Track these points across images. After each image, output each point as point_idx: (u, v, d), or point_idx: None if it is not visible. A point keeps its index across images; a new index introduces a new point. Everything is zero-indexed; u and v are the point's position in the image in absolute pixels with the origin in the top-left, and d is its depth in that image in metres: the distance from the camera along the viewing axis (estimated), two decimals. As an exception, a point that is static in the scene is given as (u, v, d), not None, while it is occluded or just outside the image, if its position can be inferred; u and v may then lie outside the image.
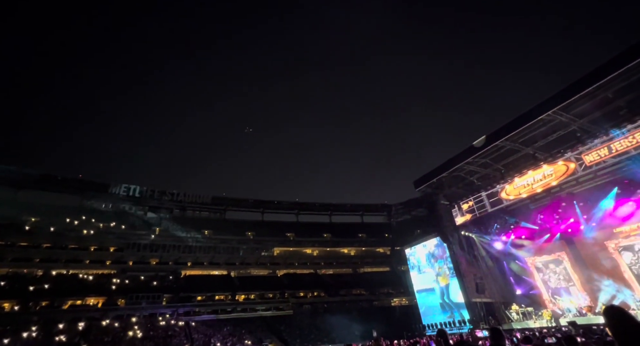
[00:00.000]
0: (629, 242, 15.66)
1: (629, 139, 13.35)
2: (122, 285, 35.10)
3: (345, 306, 40.80)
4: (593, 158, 14.78)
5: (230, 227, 46.89)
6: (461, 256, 21.68)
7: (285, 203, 53.27)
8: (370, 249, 51.21)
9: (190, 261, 41.81)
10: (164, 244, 40.36)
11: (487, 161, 19.29)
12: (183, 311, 34.84)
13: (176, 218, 45.21)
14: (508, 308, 19.46)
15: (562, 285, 18.45)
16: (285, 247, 48.32)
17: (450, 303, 22.02)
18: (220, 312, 36.47)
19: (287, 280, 43.95)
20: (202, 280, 40.52)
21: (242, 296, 39.71)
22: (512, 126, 16.03)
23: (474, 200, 21.14)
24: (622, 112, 13.77)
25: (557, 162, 16.50)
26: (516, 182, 18.44)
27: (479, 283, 20.77)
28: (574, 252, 18.06)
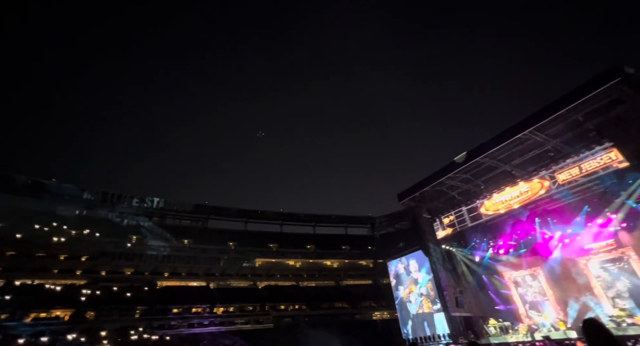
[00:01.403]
0: (599, 258, 16.35)
1: (597, 160, 14.15)
2: (93, 297, 33.26)
3: (326, 320, 40.11)
4: (565, 177, 15.51)
5: (211, 236, 45.69)
6: (442, 270, 21.93)
7: (269, 213, 52.63)
8: (354, 261, 51.03)
9: (168, 271, 40.25)
10: (140, 253, 38.81)
11: (468, 177, 19.88)
12: (157, 324, 33.27)
13: (155, 226, 43.71)
14: (486, 322, 19.70)
15: (537, 299, 18.93)
16: (268, 258, 47.43)
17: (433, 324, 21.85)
18: (197, 326, 35.05)
19: (268, 293, 42.95)
20: (179, 291, 38.99)
21: (220, 309, 38.39)
22: (491, 144, 16.65)
23: (455, 215, 21.61)
24: (591, 134, 14.61)
25: (533, 180, 17.20)
26: (495, 197, 19.04)
27: (458, 298, 21.00)
28: (549, 267, 18.65)
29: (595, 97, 12.34)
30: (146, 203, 44.10)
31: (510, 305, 20.17)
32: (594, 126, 14.40)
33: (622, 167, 13.50)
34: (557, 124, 14.64)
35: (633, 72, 11.47)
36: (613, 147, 13.81)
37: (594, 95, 12.19)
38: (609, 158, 13.88)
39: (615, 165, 13.70)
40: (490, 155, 17.19)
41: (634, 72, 11.46)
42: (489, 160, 17.73)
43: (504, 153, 17.17)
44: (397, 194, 23.27)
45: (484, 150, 17.00)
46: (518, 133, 15.31)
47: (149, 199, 44.37)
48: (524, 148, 16.69)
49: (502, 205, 18.59)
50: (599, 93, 12.13)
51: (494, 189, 19.09)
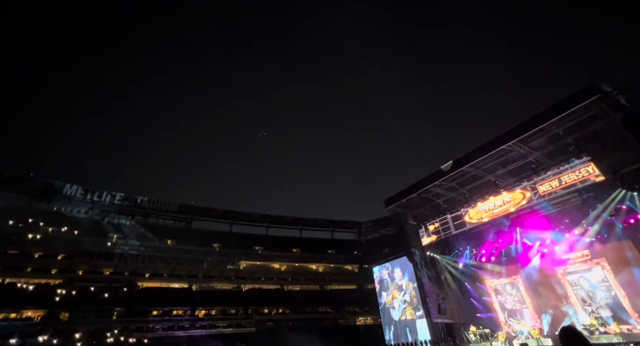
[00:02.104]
0: (575, 268, 16.92)
1: (576, 173, 14.72)
2: (68, 297, 32.01)
3: (310, 324, 39.81)
4: (546, 188, 16.04)
5: (195, 237, 44.83)
6: (426, 276, 22.19)
7: (255, 215, 52.12)
8: (339, 266, 50.99)
9: (149, 272, 39.17)
10: (120, 253, 37.66)
11: (454, 185, 20.29)
12: (135, 326, 32.27)
13: (137, 225, 42.57)
14: (467, 329, 20.00)
15: (516, 307, 19.38)
16: (253, 260, 46.85)
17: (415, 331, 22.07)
18: (177, 328, 34.19)
19: (252, 296, 42.38)
20: (160, 293, 37.98)
21: (202, 311, 37.61)
22: (477, 153, 17.08)
23: (440, 222, 21.97)
24: (570, 148, 15.19)
25: (515, 190, 17.71)
26: (479, 206, 19.48)
27: (441, 304, 21.27)
28: (528, 276, 19.14)
29: (574, 112, 12.87)
30: (129, 202, 42.94)
31: (491, 312, 20.57)
32: (573, 140, 14.98)
33: (599, 180, 14.08)
34: (539, 137, 15.16)
35: (610, 90, 12.03)
36: (590, 161, 14.39)
37: (573, 111, 12.72)
38: (587, 171, 14.45)
39: (592, 179, 14.27)
40: (475, 165, 17.62)
41: (610, 90, 12.02)
42: (474, 170, 18.16)
43: (488, 164, 17.63)
44: (384, 200, 23.49)
45: (469, 159, 17.41)
46: (502, 145, 15.77)
47: (132, 197, 43.22)
48: (508, 159, 17.19)
49: (485, 213, 19.02)
50: (578, 110, 12.67)
51: (478, 198, 19.54)
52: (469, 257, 20.97)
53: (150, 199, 44.95)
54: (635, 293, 14.53)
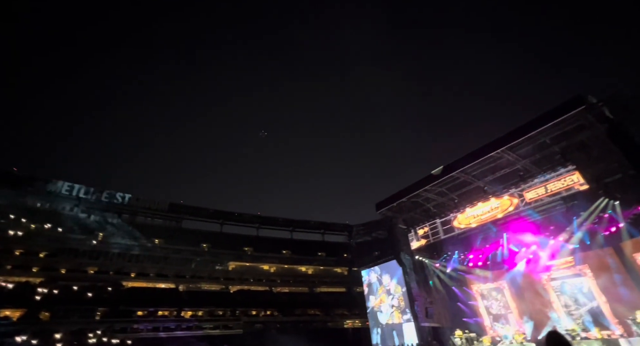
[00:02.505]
0: (559, 274, 17.28)
1: (561, 182, 15.06)
2: (50, 296, 31.19)
3: (298, 327, 39.68)
4: (532, 195, 16.36)
5: (184, 237, 44.27)
6: (414, 280, 22.33)
7: (246, 216, 51.79)
8: (329, 268, 50.98)
9: (135, 271, 38.50)
10: (106, 251, 36.92)
11: (444, 190, 20.50)
12: (119, 327, 31.61)
13: (125, 224, 41.77)
14: (453, 333, 20.18)
15: (502, 312, 19.67)
16: (242, 261, 46.48)
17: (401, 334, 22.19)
18: (163, 329, 33.62)
19: (240, 297, 42.00)
20: (145, 293, 37.33)
21: (189, 312, 37.09)
22: (467, 160, 17.31)
23: (429, 226, 22.17)
24: (557, 156, 15.55)
25: (503, 197, 18.00)
26: (467, 212, 19.73)
27: (428, 308, 21.42)
28: (514, 282, 19.45)
29: (561, 122, 13.19)
30: (117, 199, 42.17)
31: (477, 316, 20.81)
32: (559, 149, 15.33)
33: (583, 189, 14.43)
34: (527, 145, 15.47)
35: (595, 101, 12.38)
36: (575, 170, 14.75)
37: (560, 121, 13.04)
38: (572, 180, 14.80)
39: (577, 187, 14.62)
40: (465, 171, 17.85)
41: (596, 101, 12.37)
42: (464, 176, 18.40)
43: (478, 170, 17.89)
44: (376, 203, 23.59)
45: (459, 165, 17.63)
46: (492, 152, 16.02)
47: (119, 195, 42.47)
48: (497, 166, 17.47)
49: (473, 219, 19.27)
50: (565, 120, 12.99)
51: (467, 203, 19.79)
52: (457, 262, 21.19)
53: (140, 197, 44.24)
54: (616, 300, 14.90)
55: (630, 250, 14.92)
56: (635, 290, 14.45)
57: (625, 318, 14.04)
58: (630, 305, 14.26)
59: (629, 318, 13.78)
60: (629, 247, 14.95)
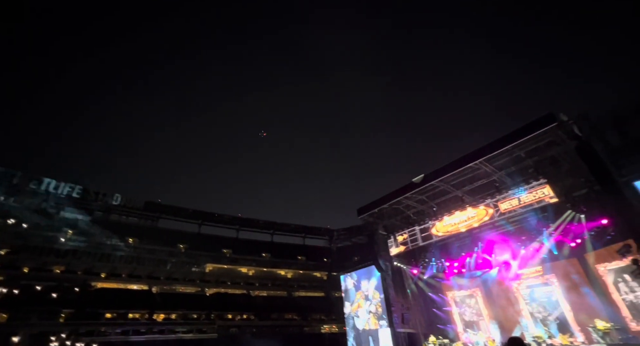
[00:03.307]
0: (528, 283, 18.04)
1: (533, 194, 15.78)
2: (9, 296, 29.23)
3: (275, 331, 39.12)
4: (506, 206, 17.03)
5: (160, 237, 42.78)
6: (392, 286, 22.59)
7: (226, 217, 50.77)
8: (308, 273, 50.71)
9: (106, 272, 36.80)
10: (75, 249, 35.10)
11: (424, 198, 20.96)
12: (85, 330, 30.02)
13: (97, 221, 39.92)
14: (427, 339, 20.54)
15: (474, 319, 20.24)
16: (220, 263, 45.44)
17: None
18: (132, 333, 32.21)
19: (216, 300, 40.98)
20: (116, 294, 35.73)
21: (161, 315, 35.75)
22: (447, 169, 17.81)
23: (408, 233, 22.57)
24: (530, 170, 16.28)
25: (479, 206, 18.62)
26: (445, 220, 20.25)
27: (405, 314, 21.72)
28: (487, 289, 20.12)
29: (534, 137, 13.87)
30: (89, 195, 40.31)
31: (451, 323, 21.32)
32: (533, 163, 16.07)
33: (552, 202, 15.17)
34: (504, 158, 16.12)
35: (566, 119, 13.11)
36: (546, 184, 15.50)
37: (533, 136, 13.71)
38: (543, 193, 15.53)
39: (547, 200, 15.35)
40: (445, 180, 18.35)
41: (566, 119, 13.10)
42: (443, 185, 18.91)
43: (457, 180, 18.44)
44: (357, 209, 23.77)
45: (439, 174, 18.12)
46: (470, 162, 16.56)
47: (93, 191, 40.63)
48: (474, 177, 18.08)
49: (451, 227, 19.80)
50: (537, 135, 13.67)
51: (445, 212, 20.32)
52: (434, 269, 21.67)
53: (114, 194, 42.49)
54: (579, 308, 15.72)
55: (593, 261, 15.80)
56: (596, 299, 15.29)
57: (587, 325, 14.80)
58: (591, 314, 15.07)
59: (589, 326, 14.54)
60: (592, 258, 15.84)
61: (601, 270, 15.43)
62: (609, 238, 14.89)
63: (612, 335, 13.55)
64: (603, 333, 13.83)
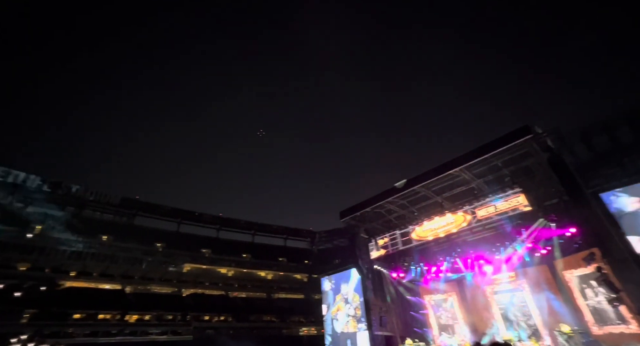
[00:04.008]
0: (501, 288, 18.71)
1: (509, 202, 16.43)
2: (-33, 294, 27.41)
3: (252, 333, 38.58)
4: (483, 213, 17.62)
5: (137, 234, 41.41)
6: (371, 289, 22.83)
7: (206, 216, 49.80)
8: (288, 274, 50.46)
9: (76, 270, 35.20)
10: (43, 246, 33.39)
11: (405, 203, 21.36)
12: (50, 331, 28.50)
13: (69, 217, 38.16)
14: (403, 342, 20.85)
15: (449, 322, 20.76)
16: (198, 263, 44.46)
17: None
18: (102, 334, 30.88)
19: (193, 301, 40.02)
20: (85, 294, 34.20)
21: (134, 316, 34.53)
22: (428, 175, 18.25)
23: (389, 237, 22.90)
24: (506, 179, 16.95)
25: (458, 213, 19.17)
26: (425, 225, 20.71)
27: (383, 317, 21.98)
28: (462, 293, 20.69)
29: (510, 148, 14.48)
30: (61, 189, 38.47)
31: (427, 326, 21.76)
32: (509, 172, 16.74)
33: (526, 210, 15.85)
34: (482, 166, 16.70)
35: (540, 132, 13.77)
36: (521, 193, 16.17)
37: (509, 147, 14.32)
38: (517, 201, 16.20)
39: (521, 208, 16.02)
40: (426, 186, 18.79)
41: (540, 132, 13.77)
42: (425, 190, 19.36)
43: (437, 186, 18.92)
44: (340, 211, 23.90)
45: (421, 180, 18.53)
46: (451, 169, 17.06)
47: (65, 185, 38.80)
48: (454, 184, 18.61)
49: (430, 232, 20.27)
50: (514, 146, 14.28)
51: (425, 217, 20.78)
52: (412, 273, 22.08)
53: (88, 189, 40.78)
54: (547, 313, 16.46)
55: (561, 268, 16.60)
56: (563, 304, 16.06)
57: (554, 329, 15.51)
58: (558, 318, 15.81)
59: (555, 330, 15.24)
60: (560, 265, 16.63)
61: (568, 277, 16.23)
62: (576, 247, 15.68)
63: (575, 339, 14.24)
64: (568, 337, 14.52)
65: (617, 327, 14.04)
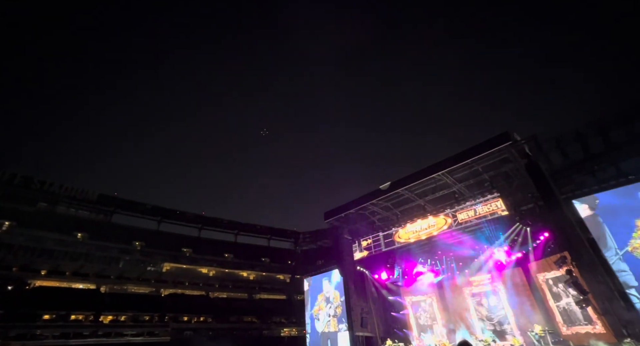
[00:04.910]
0: (479, 289, 19.28)
1: (487, 206, 16.96)
2: None
3: (232, 335, 37.98)
4: (463, 217, 18.11)
5: (114, 233, 39.96)
6: (353, 290, 22.97)
7: (188, 215, 48.71)
8: (271, 275, 50.04)
9: (47, 268, 33.64)
10: (10, 244, 31.71)
11: (389, 205, 21.67)
12: (16, 333, 27.07)
13: (41, 213, 36.45)
14: (384, 343, 21.09)
15: (428, 323, 21.19)
16: (179, 263, 43.42)
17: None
18: (74, 336, 29.60)
19: (172, 302, 39.01)
20: (57, 294, 32.72)
21: (109, 317, 33.31)
22: (412, 178, 18.59)
23: (372, 239, 23.15)
24: (486, 184, 17.50)
25: (439, 216, 19.62)
26: (407, 227, 21.06)
27: (364, 318, 22.15)
28: (441, 294, 21.16)
29: (491, 154, 14.97)
30: (34, 184, 36.70)
31: (407, 326, 22.12)
32: (489, 177, 17.30)
33: (504, 214, 16.41)
34: (463, 171, 17.18)
35: (519, 139, 14.31)
36: (499, 198, 16.74)
37: (490, 152, 14.80)
38: (496, 206, 16.75)
39: (499, 213, 16.58)
40: (409, 189, 19.13)
41: (519, 139, 14.31)
42: (408, 193, 19.70)
43: (420, 189, 19.30)
44: (324, 212, 23.96)
45: (405, 183, 18.85)
46: (434, 173, 17.45)
47: (38, 180, 37.04)
48: (436, 187, 19.04)
49: (412, 234, 20.63)
50: (494, 152, 14.77)
51: (408, 220, 21.15)
52: (394, 274, 22.41)
53: (64, 185, 39.07)
54: (520, 314, 17.09)
55: (534, 271, 17.29)
56: (536, 306, 16.72)
57: (527, 330, 16.11)
58: (531, 319, 16.44)
59: (529, 331, 15.85)
60: (534, 268, 17.32)
61: (541, 279, 16.91)
62: (549, 250, 16.39)
63: (546, 339, 14.86)
64: (539, 337, 15.13)
65: (584, 327, 14.76)
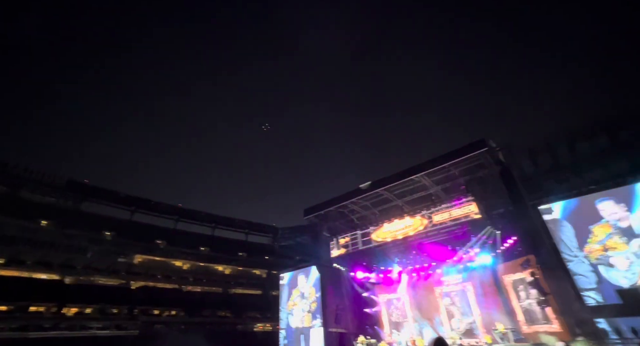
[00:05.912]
0: (450, 289, 20.02)
1: (462, 209, 17.56)
2: None
3: (205, 329, 37.37)
4: (439, 219, 18.65)
5: (83, 221, 38.13)
6: (329, 286, 23.20)
7: (164, 206, 47.26)
8: (247, 269, 49.62)
9: (5, 257, 31.63)
10: (-35, 229, 29.56)
11: (368, 204, 21.98)
12: (-32, 325, 25.38)
13: (1, 197, 34.16)
14: (356, 339, 21.49)
15: (400, 320, 21.79)
16: (152, 255, 42.11)
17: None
18: (33, 328, 28.07)
19: (143, 294, 37.81)
20: (15, 284, 30.87)
21: (73, 309, 31.85)
22: (392, 179, 18.96)
23: (350, 237, 23.40)
24: (461, 187, 18.11)
25: (416, 216, 20.09)
26: (385, 227, 21.45)
27: (338, 314, 22.45)
28: (414, 293, 21.80)
29: (468, 159, 15.51)
30: (-5, 166, 34.33)
31: (379, 323, 22.65)
32: (464, 181, 17.90)
33: (477, 218, 17.04)
34: (441, 174, 17.69)
35: (494, 146, 14.91)
36: (473, 201, 17.36)
37: (466, 158, 15.33)
38: (469, 209, 17.35)
39: (473, 216, 17.19)
40: (389, 189, 19.49)
41: (495, 146, 14.90)
42: (387, 193, 20.06)
43: (399, 190, 19.70)
44: (304, 209, 23.99)
45: (384, 183, 19.20)
46: (413, 175, 17.87)
47: (0, 162, 34.70)
48: (415, 189, 19.50)
49: (389, 234, 21.03)
50: (470, 157, 15.31)
51: (385, 219, 21.53)
52: (369, 272, 22.84)
53: (29, 167, 36.79)
54: (486, 314, 17.94)
55: (502, 272, 18.15)
56: (501, 306, 17.58)
57: (492, 329, 16.93)
58: (496, 318, 17.28)
59: (493, 329, 16.65)
60: (501, 270, 18.18)
61: (507, 280, 17.78)
62: (516, 253, 17.25)
63: (508, 337, 15.68)
64: (502, 335, 15.94)
65: (542, 326, 15.68)
